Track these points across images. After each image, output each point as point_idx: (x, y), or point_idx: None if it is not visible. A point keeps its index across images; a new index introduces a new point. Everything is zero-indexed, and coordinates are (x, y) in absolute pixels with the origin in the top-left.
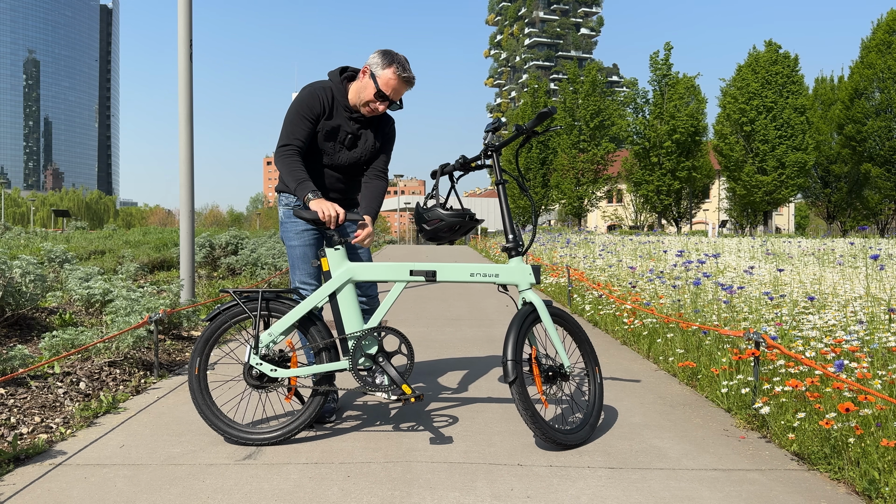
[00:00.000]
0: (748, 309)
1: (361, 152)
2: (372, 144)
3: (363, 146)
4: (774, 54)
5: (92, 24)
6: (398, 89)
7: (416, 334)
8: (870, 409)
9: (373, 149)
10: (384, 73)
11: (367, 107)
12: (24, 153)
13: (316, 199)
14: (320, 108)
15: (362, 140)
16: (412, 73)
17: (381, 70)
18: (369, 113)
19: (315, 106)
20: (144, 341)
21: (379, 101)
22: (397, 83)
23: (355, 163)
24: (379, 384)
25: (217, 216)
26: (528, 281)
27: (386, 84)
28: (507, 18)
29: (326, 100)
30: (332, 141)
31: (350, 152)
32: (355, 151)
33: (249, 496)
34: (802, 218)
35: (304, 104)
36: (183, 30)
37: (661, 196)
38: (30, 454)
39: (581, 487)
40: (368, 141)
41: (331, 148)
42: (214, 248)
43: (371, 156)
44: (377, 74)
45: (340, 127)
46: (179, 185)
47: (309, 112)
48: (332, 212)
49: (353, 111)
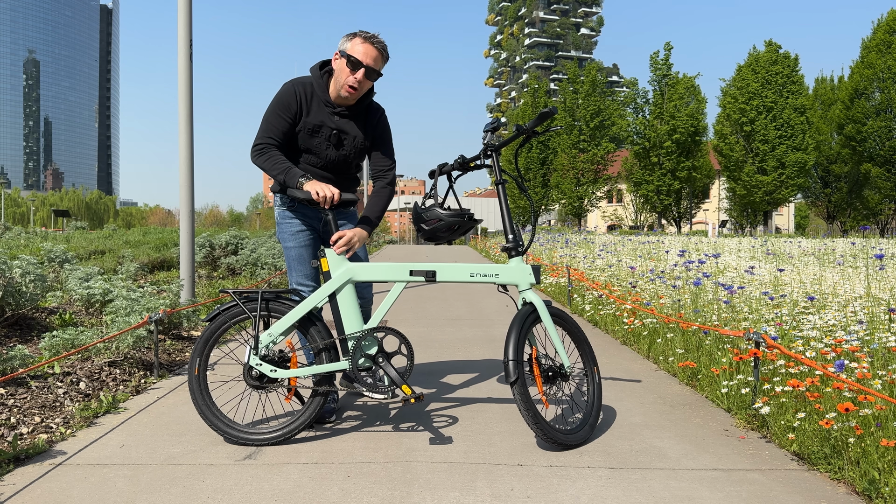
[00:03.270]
0: (748, 309)
1: (350, 149)
2: (361, 140)
3: (351, 143)
4: (774, 54)
5: (92, 24)
6: (367, 52)
7: (416, 334)
8: (870, 409)
9: (362, 145)
10: (351, 45)
11: (346, 87)
12: (24, 153)
13: (308, 181)
14: (297, 104)
15: (349, 137)
16: (372, 34)
17: (348, 43)
18: (351, 92)
19: (291, 103)
20: (144, 341)
21: (353, 70)
22: (364, 47)
23: (345, 160)
24: (379, 385)
25: (217, 216)
26: (528, 281)
27: (354, 51)
28: (507, 18)
29: (305, 95)
30: (317, 138)
31: (338, 151)
32: (343, 150)
33: (249, 496)
34: (802, 218)
35: (280, 101)
36: (183, 30)
37: (661, 196)
38: (30, 454)
39: (581, 487)
40: (357, 138)
41: (317, 146)
42: (214, 248)
43: (361, 152)
44: (345, 49)
45: (324, 123)
46: (179, 185)
47: (285, 110)
48: (326, 192)
49: (336, 106)
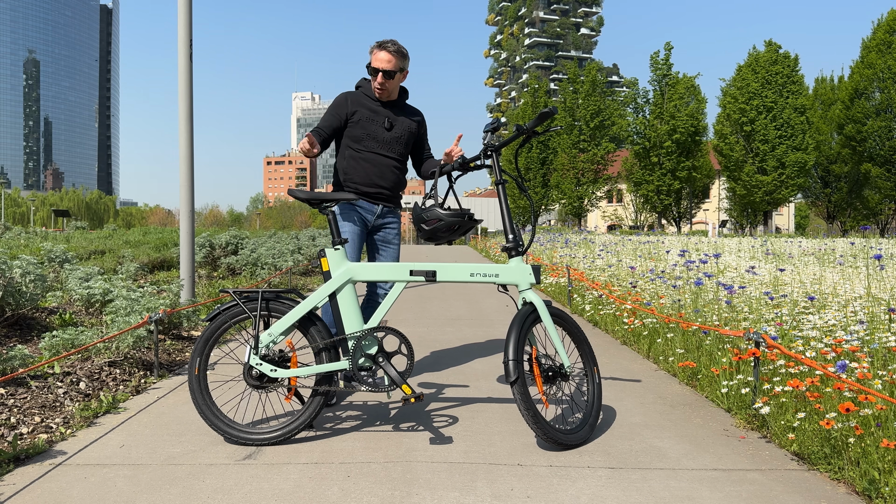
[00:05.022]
0: (748, 309)
1: (399, 132)
2: (407, 127)
3: (399, 127)
4: (774, 54)
5: (92, 24)
6: (379, 58)
7: (417, 334)
8: (870, 409)
9: (408, 132)
10: (371, 55)
11: (375, 89)
12: (24, 153)
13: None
14: (346, 106)
15: (398, 122)
16: (390, 42)
17: (370, 55)
18: (380, 92)
19: (342, 105)
20: (144, 341)
21: (374, 77)
22: (377, 54)
23: (396, 141)
24: (379, 385)
25: (217, 216)
26: (528, 281)
27: (372, 60)
28: (507, 18)
29: (353, 99)
30: (374, 123)
31: (390, 133)
32: (394, 132)
33: (249, 496)
34: (802, 218)
35: (334, 104)
36: (183, 30)
37: (661, 196)
38: (30, 454)
39: (581, 487)
40: (404, 124)
41: (376, 130)
42: (214, 248)
43: (408, 137)
44: (369, 60)
45: (378, 112)
46: (179, 186)
47: (338, 109)
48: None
49: (382, 102)
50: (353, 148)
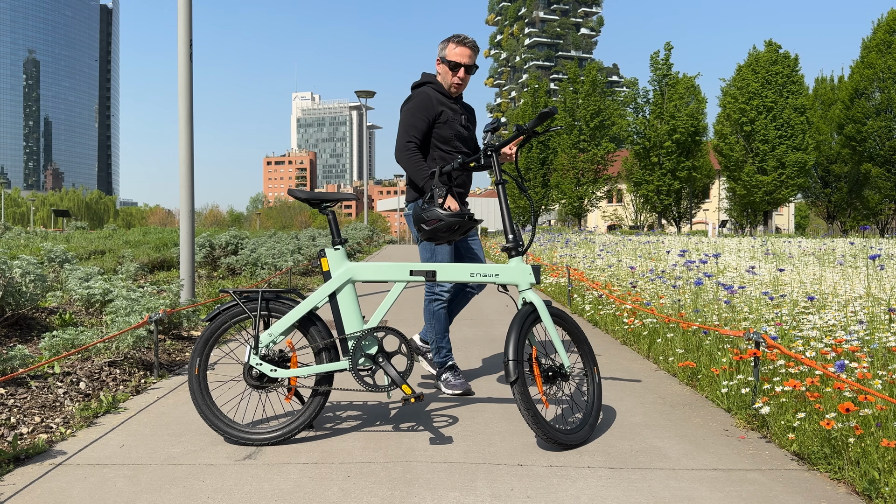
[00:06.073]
0: (748, 309)
1: (473, 128)
2: (474, 124)
3: (471, 124)
4: (774, 54)
5: (92, 24)
6: (462, 53)
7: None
8: (870, 409)
9: (474, 130)
10: (448, 50)
11: (454, 85)
12: (24, 153)
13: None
14: (433, 105)
15: (471, 119)
16: (467, 37)
17: (445, 50)
18: (458, 88)
19: (430, 105)
20: (144, 341)
21: (454, 71)
22: (459, 49)
23: (471, 137)
24: (379, 384)
25: (217, 216)
26: (528, 281)
27: (452, 55)
28: (507, 18)
29: (435, 98)
30: (456, 124)
31: (468, 131)
32: (470, 130)
33: (249, 496)
34: (802, 218)
35: (420, 104)
36: (183, 30)
37: (661, 196)
38: (30, 454)
39: (581, 487)
40: (472, 121)
41: (459, 130)
42: (214, 248)
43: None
44: (444, 55)
45: (456, 111)
46: (179, 186)
47: (425, 111)
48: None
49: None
50: (443, 149)
